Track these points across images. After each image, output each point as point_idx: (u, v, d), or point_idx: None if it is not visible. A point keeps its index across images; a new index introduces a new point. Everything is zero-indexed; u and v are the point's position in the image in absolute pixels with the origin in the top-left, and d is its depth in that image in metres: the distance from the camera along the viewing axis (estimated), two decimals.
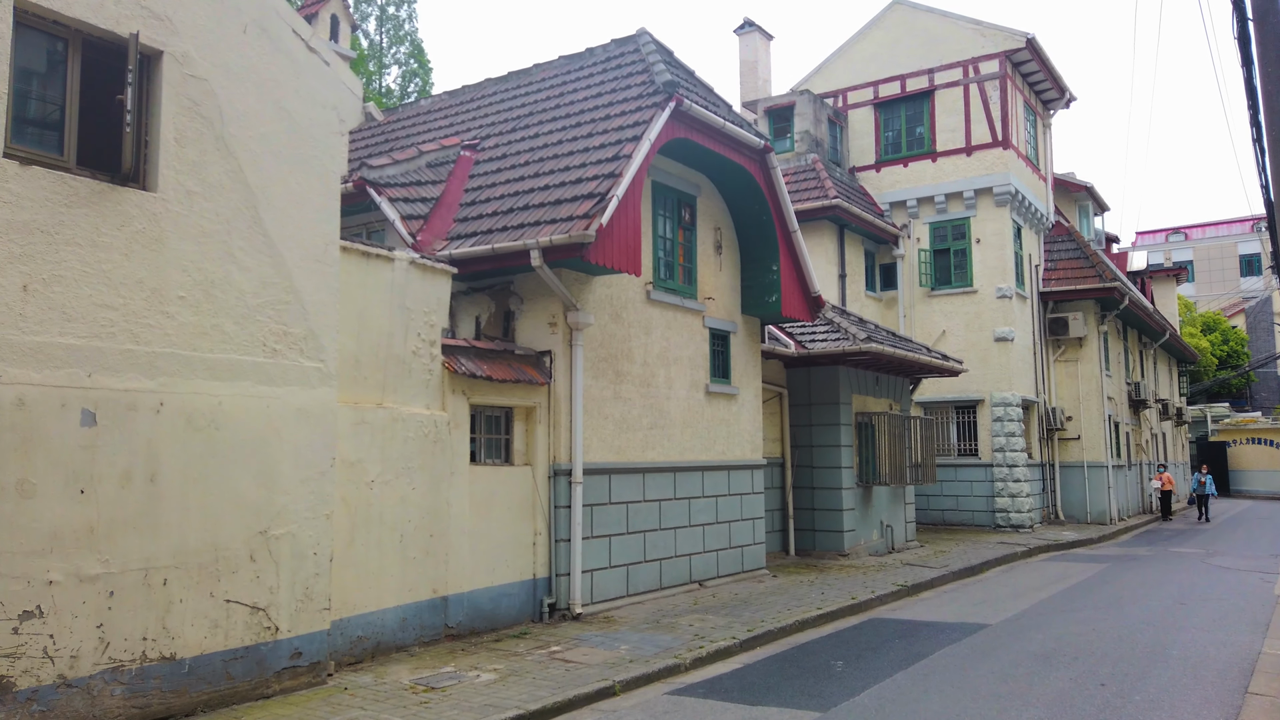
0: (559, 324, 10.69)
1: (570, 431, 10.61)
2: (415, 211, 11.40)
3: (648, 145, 10.81)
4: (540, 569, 10.34)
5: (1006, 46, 23.44)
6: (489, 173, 12.18)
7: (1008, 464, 22.42)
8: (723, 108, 13.01)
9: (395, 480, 8.58)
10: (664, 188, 12.53)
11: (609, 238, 10.26)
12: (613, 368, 11.37)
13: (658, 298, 12.17)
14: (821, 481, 16.42)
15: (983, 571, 15.89)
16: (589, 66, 13.61)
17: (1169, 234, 76.40)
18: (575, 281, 10.84)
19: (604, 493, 11.10)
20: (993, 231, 23.31)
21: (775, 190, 13.50)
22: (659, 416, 12.11)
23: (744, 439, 13.90)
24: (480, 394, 9.75)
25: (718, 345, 13.52)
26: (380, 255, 8.59)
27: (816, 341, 16.03)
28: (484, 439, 10.09)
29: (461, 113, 14.65)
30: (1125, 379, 29.92)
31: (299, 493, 7.19)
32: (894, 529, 17.78)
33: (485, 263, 10.57)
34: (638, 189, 10.81)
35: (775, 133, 24.18)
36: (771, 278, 13.76)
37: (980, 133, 23.50)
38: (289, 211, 7.26)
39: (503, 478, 10.03)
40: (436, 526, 9.01)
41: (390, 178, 11.73)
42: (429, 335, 9.12)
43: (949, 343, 23.33)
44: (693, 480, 12.70)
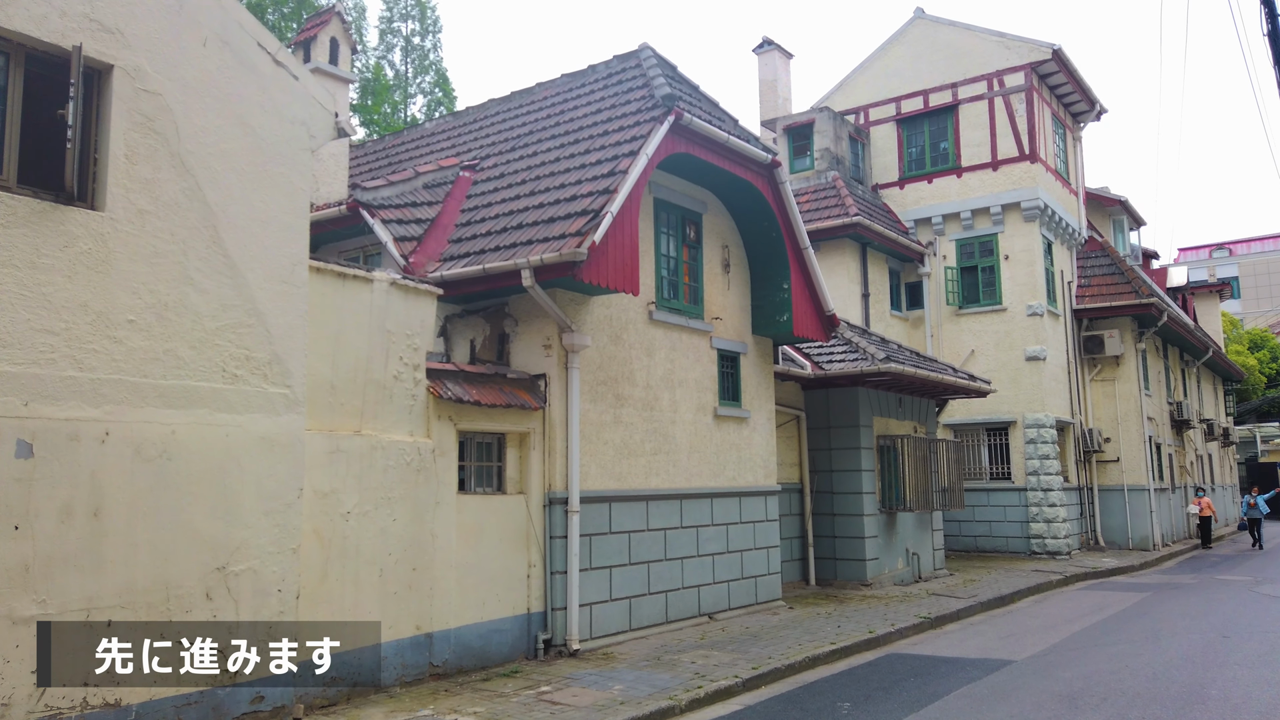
0: (554, 346, 10.28)
1: (566, 458, 10.17)
2: (409, 233, 11.09)
3: (645, 160, 10.42)
4: (535, 603, 9.87)
5: (1032, 58, 22.85)
6: (485, 193, 11.87)
7: (1042, 488, 21.59)
8: (728, 122, 12.61)
9: (374, 511, 8.19)
10: (666, 204, 12.13)
11: (604, 256, 9.86)
12: (612, 391, 10.94)
13: (661, 318, 11.74)
14: (842, 508, 15.81)
15: (1014, 602, 15.14)
16: (590, 83, 13.30)
17: (1212, 250, 74.63)
18: (571, 302, 10.44)
19: (604, 522, 10.63)
20: (1022, 247, 22.61)
21: (785, 206, 13.04)
22: (663, 441, 11.64)
23: (757, 464, 13.37)
24: (469, 420, 9.35)
25: (727, 367, 13.04)
26: (358, 276, 8.26)
27: (834, 362, 15.48)
28: (474, 467, 9.68)
29: (464, 134, 14.40)
30: (1167, 398, 28.88)
31: (261, 526, 6.81)
32: (920, 557, 17.07)
33: (477, 284, 10.22)
34: (635, 205, 10.41)
35: (795, 151, 23.76)
36: (783, 296, 13.26)
37: (1006, 147, 22.87)
38: (252, 231, 6.94)
39: (494, 507, 9.60)
40: (420, 559, 8.60)
41: (385, 199, 11.45)
42: (412, 359, 8.75)
43: (978, 362, 22.60)
44: (701, 508, 12.19)
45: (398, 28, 39.40)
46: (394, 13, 38.97)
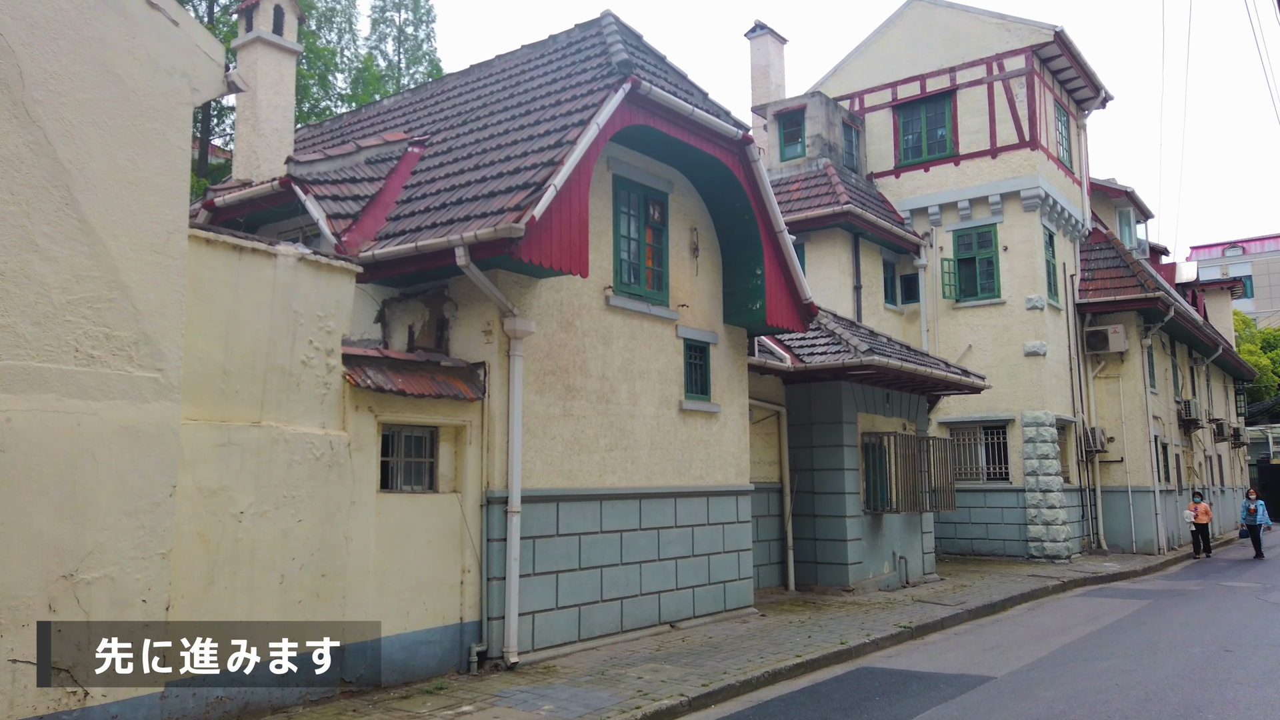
0: (494, 332, 9.45)
1: (507, 454, 9.34)
2: (345, 210, 10.28)
3: (595, 130, 9.58)
4: (469, 612, 9.04)
5: (1033, 41, 21.91)
6: (431, 168, 11.05)
7: (1041, 488, 20.67)
8: (696, 95, 11.76)
9: (274, 511, 7.37)
10: (628, 182, 11.29)
11: (546, 233, 9.02)
12: (563, 381, 10.10)
13: (619, 304, 10.89)
14: (824, 509, 14.94)
15: (1005, 609, 14.25)
16: (550, 54, 12.46)
17: (1225, 248, 73.30)
18: (515, 284, 9.61)
19: (550, 523, 9.80)
20: (1021, 238, 21.68)
21: (757, 185, 12.18)
22: (621, 436, 10.80)
23: (727, 461, 12.51)
24: (394, 411, 8.53)
25: (695, 358, 12.19)
26: (258, 250, 7.44)
27: (816, 355, 14.62)
28: (402, 463, 8.86)
29: (420, 109, 13.59)
30: (1174, 397, 27.89)
31: (122, 528, 5.99)
32: (908, 561, 16.19)
33: (411, 264, 9.40)
34: (584, 179, 9.57)
35: (786, 138, 22.88)
36: (755, 283, 12.40)
37: (1006, 133, 21.95)
38: (116, 193, 6.12)
39: (423, 507, 8.78)
40: (331, 564, 7.78)
41: (321, 174, 10.64)
42: (324, 343, 7.93)
43: (975, 358, 21.69)
44: (663, 508, 11.34)
45: (390, 17, 38.59)
46: (387, 2, 38.20)
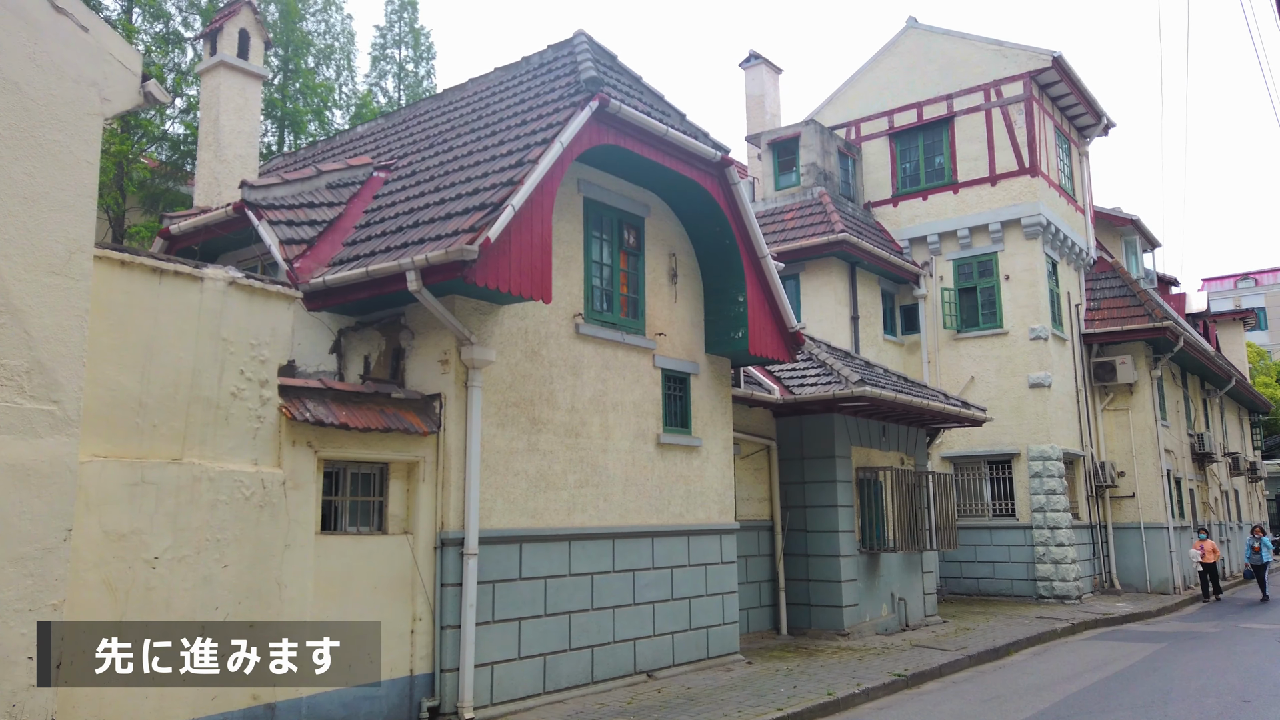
0: (451, 361, 8.89)
1: (464, 492, 8.74)
2: (300, 235, 9.79)
3: (559, 149, 9.09)
4: (420, 663, 8.39)
5: (1031, 67, 21.50)
6: (393, 192, 10.57)
7: (1049, 525, 19.88)
8: (673, 116, 11.30)
9: (195, 556, 6.78)
10: (600, 206, 10.78)
11: (504, 256, 8.50)
12: (527, 414, 9.52)
13: (590, 332, 10.34)
14: (817, 548, 14.23)
15: (1009, 654, 13.47)
16: (521, 75, 12.04)
17: (1238, 280, 72.51)
18: (474, 311, 9.07)
19: (512, 566, 9.16)
20: (1023, 267, 21.10)
21: (738, 209, 11.66)
22: (592, 473, 10.19)
23: (710, 499, 11.87)
24: (338, 447, 7.96)
25: (674, 389, 11.60)
26: (180, 273, 6.92)
27: (806, 386, 14.01)
28: (348, 502, 8.26)
29: (392, 135, 13.18)
30: (1187, 430, 27.11)
31: (5, 577, 5.41)
32: (908, 602, 15.42)
33: (363, 290, 8.87)
34: (548, 200, 9.06)
35: (780, 167, 22.45)
36: (738, 310, 11.84)
37: (1005, 160, 21.47)
38: (9, 209, 5.62)
39: (369, 550, 8.16)
40: (261, 613, 7.16)
41: (278, 199, 10.17)
42: (258, 373, 7.38)
43: (978, 390, 21.02)
44: (639, 549, 10.69)
45: (391, 54, 38.63)
46: (387, 39, 38.20)
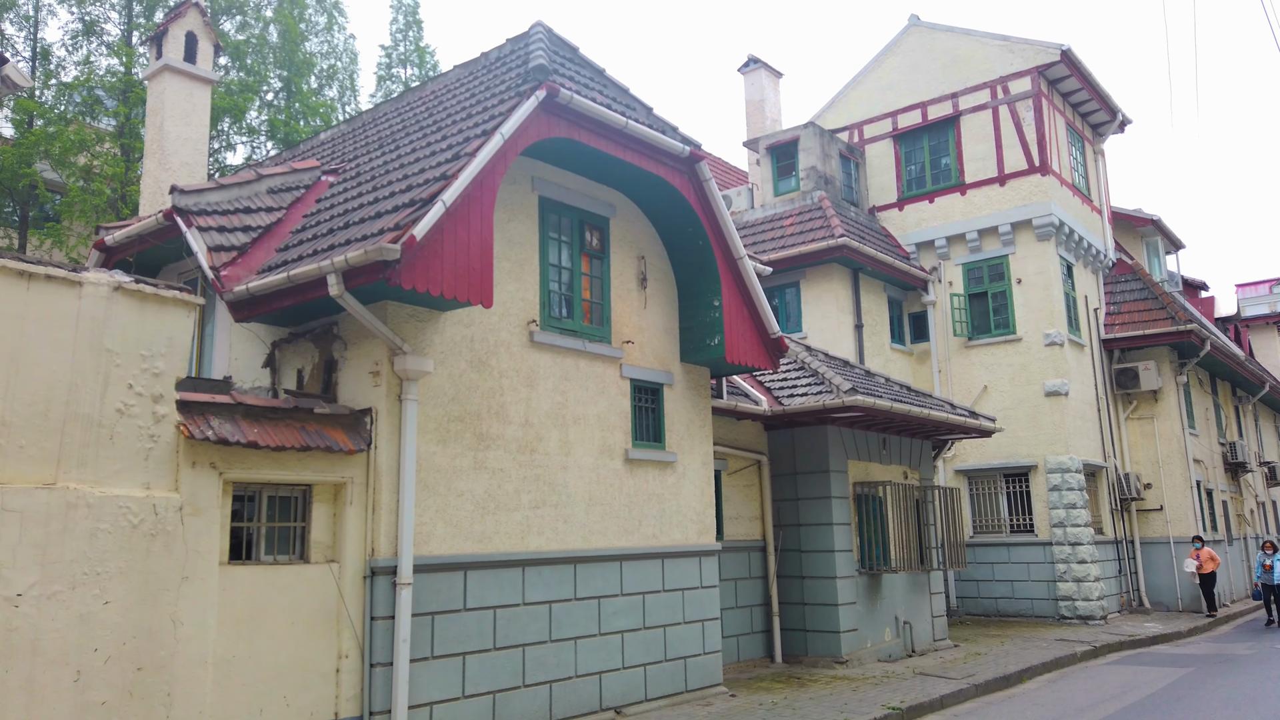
0: (383, 372, 8.16)
1: (397, 514, 7.99)
2: (232, 242, 9.13)
3: (499, 141, 8.38)
4: (346, 705, 7.61)
5: (1039, 61, 20.60)
6: (335, 195, 9.92)
7: (1070, 541, 18.80)
8: (639, 110, 10.57)
9: (69, 592, 6.07)
10: (558, 205, 10.06)
11: (435, 257, 7.78)
12: (473, 429, 8.77)
13: (547, 340, 9.59)
14: (812, 569, 13.34)
15: (1021, 682, 12.48)
16: (477, 71, 11.39)
17: (1273, 284, 70.59)
18: (410, 319, 8.35)
19: (455, 595, 8.38)
20: (1035, 270, 20.13)
21: (711, 207, 10.90)
22: (550, 491, 9.40)
23: (687, 518, 11.04)
24: (249, 468, 7.24)
25: (644, 400, 10.81)
26: (54, 277, 6.25)
27: (796, 397, 13.16)
28: (264, 528, 7.54)
29: (352, 139, 12.56)
30: (1218, 438, 25.87)
31: None
32: (914, 626, 14.45)
33: (287, 297, 8.18)
34: (488, 197, 8.34)
35: (780, 172, 21.66)
36: (713, 316, 11.04)
37: (1014, 159, 20.55)
38: None
39: (287, 581, 7.42)
40: (152, 655, 6.43)
41: (212, 205, 9.54)
42: (151, 388, 6.69)
43: (992, 399, 20.04)
44: (605, 574, 9.88)
45: (396, 73, 38.38)
46: (393, 58, 37.98)
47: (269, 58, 29.79)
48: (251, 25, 29.46)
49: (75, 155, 19.53)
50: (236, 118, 25.60)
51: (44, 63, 25.50)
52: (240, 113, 26.11)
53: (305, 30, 30.96)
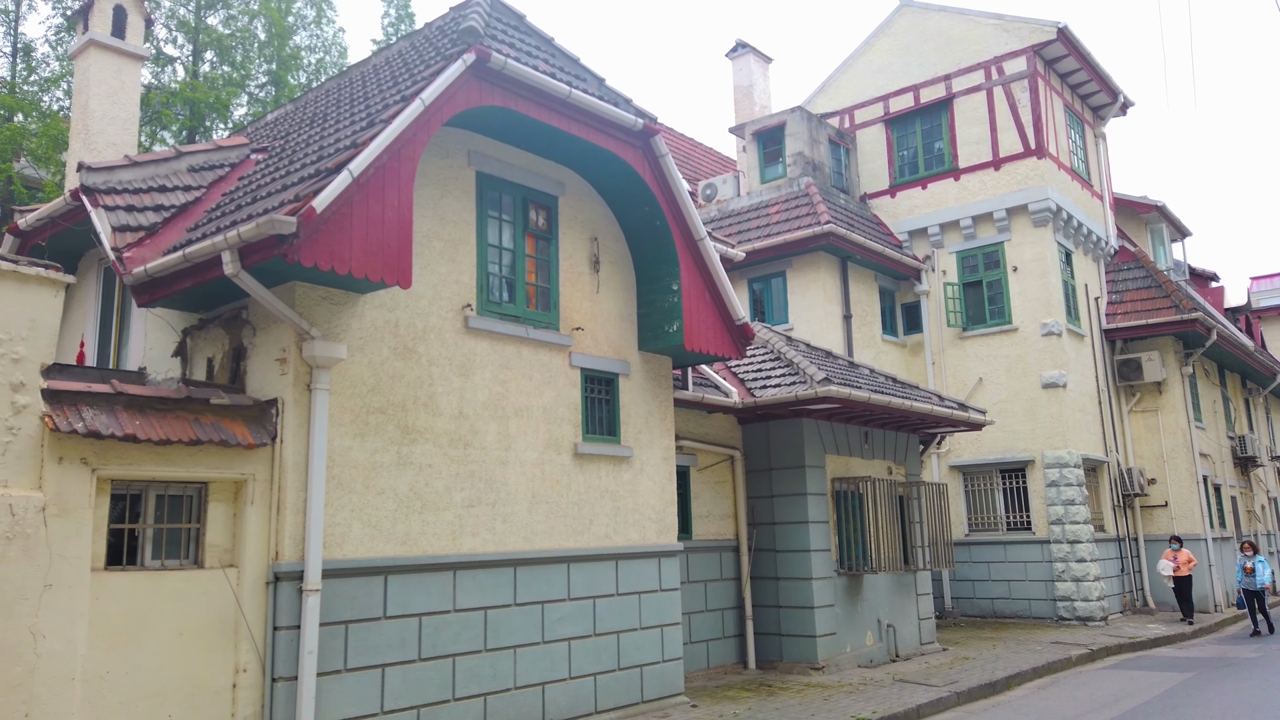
0: (290, 360, 7.49)
1: (304, 514, 7.31)
2: (142, 222, 8.49)
3: (419, 107, 7.68)
4: None
5: (1034, 40, 19.80)
6: (257, 172, 9.26)
7: (1068, 539, 18.00)
8: (590, 81, 9.87)
9: None
10: (499, 182, 9.37)
11: (341, 232, 7.10)
12: (397, 422, 8.08)
13: (484, 326, 8.89)
14: (787, 570, 12.61)
15: (1008, 689, 11.73)
16: (418, 42, 10.72)
17: None
18: (323, 301, 7.68)
19: (373, 602, 7.70)
20: (1032, 257, 19.33)
21: (668, 184, 10.19)
22: (486, 489, 8.71)
23: (645, 516, 10.33)
24: (130, 464, 6.58)
25: (597, 391, 10.10)
26: None
27: (769, 388, 12.44)
28: (151, 530, 6.87)
29: (295, 117, 11.90)
30: (1226, 432, 24.99)
31: None
32: (898, 629, 13.69)
33: (187, 278, 7.53)
34: (407, 167, 7.66)
35: (766, 158, 20.90)
36: (672, 300, 10.34)
37: (1010, 142, 19.76)
38: None
39: (176, 588, 6.76)
40: (6, 672, 5.77)
41: (123, 183, 8.90)
42: (10, 376, 6.03)
43: (987, 392, 19.26)
44: (549, 577, 9.18)
45: None
46: None
47: (255, 52, 29.26)
48: (237, 19, 28.96)
49: (61, 153, 18.92)
50: (221, 113, 25.08)
51: (26, 58, 25.03)
52: (224, 107, 25.55)
53: (294, 24, 30.41)
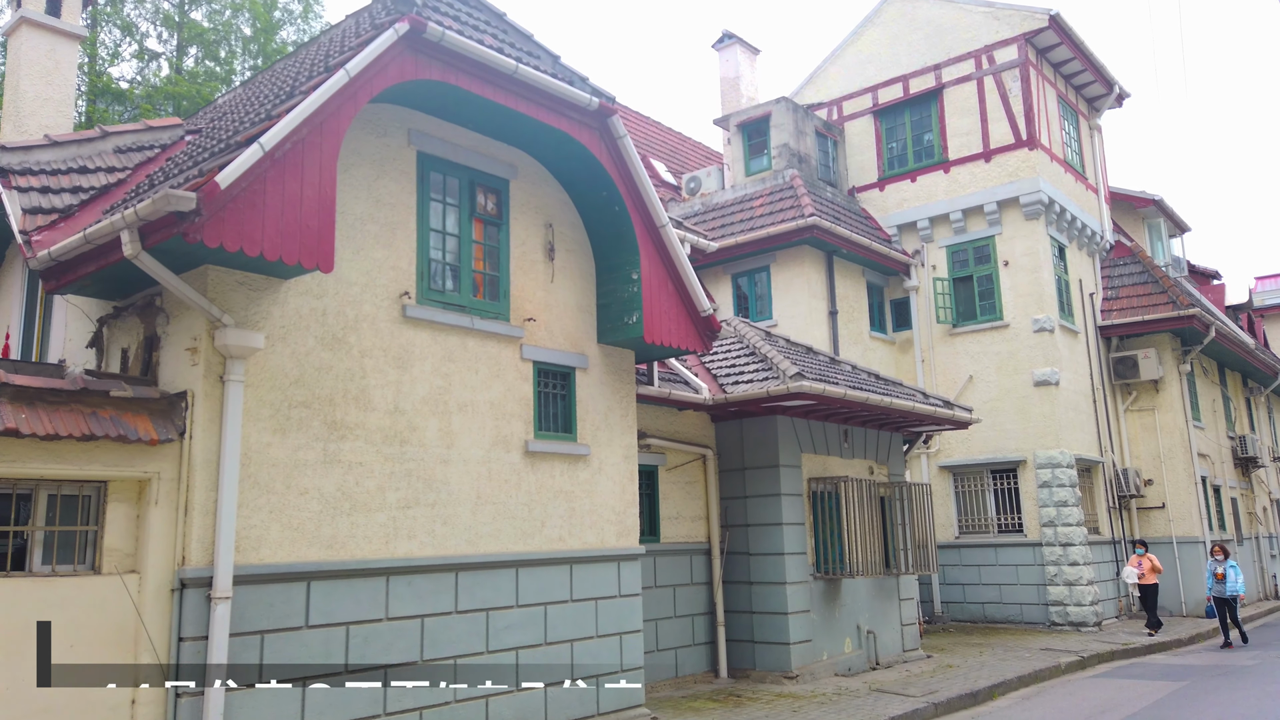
0: (201, 349, 6.95)
1: (214, 515, 6.77)
2: (57, 204, 7.98)
3: (343, 79, 7.13)
4: None
5: (1026, 28, 19.26)
6: (183, 153, 8.74)
7: (1060, 542, 17.42)
8: (543, 58, 9.33)
9: None
10: (443, 163, 8.82)
11: (252, 210, 6.56)
12: (323, 417, 7.54)
13: (424, 315, 8.35)
14: (761, 574, 12.06)
15: (991, 699, 11.16)
16: (363, 18, 10.17)
17: None
18: (240, 286, 7.14)
19: (294, 611, 7.16)
20: (1023, 251, 18.78)
21: (626, 167, 9.64)
22: (425, 489, 8.17)
23: (604, 518, 9.78)
24: (14, 460, 6.04)
25: (551, 386, 9.56)
26: None
27: (740, 384, 11.90)
28: (41, 533, 6.33)
29: (241, 100, 11.38)
30: (1226, 432, 24.41)
31: None
32: (879, 636, 13.12)
33: (90, 261, 7.00)
34: (329, 143, 7.11)
35: (751, 150, 20.37)
36: (632, 290, 9.80)
37: (1000, 133, 19.21)
38: None
39: (65, 596, 6.22)
40: None
41: (40, 164, 8.39)
42: None
43: (978, 390, 18.69)
44: (495, 582, 8.62)
45: None
46: None
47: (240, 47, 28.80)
48: (220, 13, 28.52)
49: None
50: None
51: None
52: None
53: (280, 19, 29.97)
